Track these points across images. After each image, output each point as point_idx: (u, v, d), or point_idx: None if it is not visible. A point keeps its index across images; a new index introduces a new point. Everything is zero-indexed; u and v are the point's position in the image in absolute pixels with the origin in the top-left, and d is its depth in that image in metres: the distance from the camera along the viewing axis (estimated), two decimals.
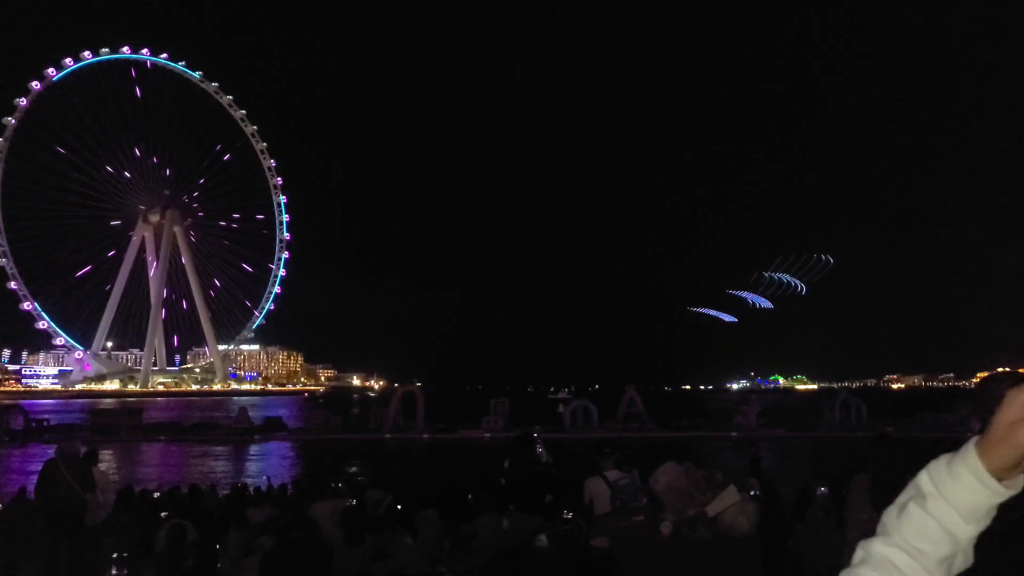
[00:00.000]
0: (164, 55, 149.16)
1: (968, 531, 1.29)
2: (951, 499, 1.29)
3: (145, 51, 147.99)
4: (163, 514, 13.32)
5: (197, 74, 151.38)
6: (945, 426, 55.71)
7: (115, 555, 8.56)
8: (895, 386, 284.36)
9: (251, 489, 18.50)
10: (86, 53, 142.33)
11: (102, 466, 11.30)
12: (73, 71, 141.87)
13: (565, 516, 6.15)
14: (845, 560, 1.40)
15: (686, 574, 5.41)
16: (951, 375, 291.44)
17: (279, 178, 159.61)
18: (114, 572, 9.11)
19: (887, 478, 4.99)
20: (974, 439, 1.33)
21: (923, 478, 1.34)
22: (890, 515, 1.36)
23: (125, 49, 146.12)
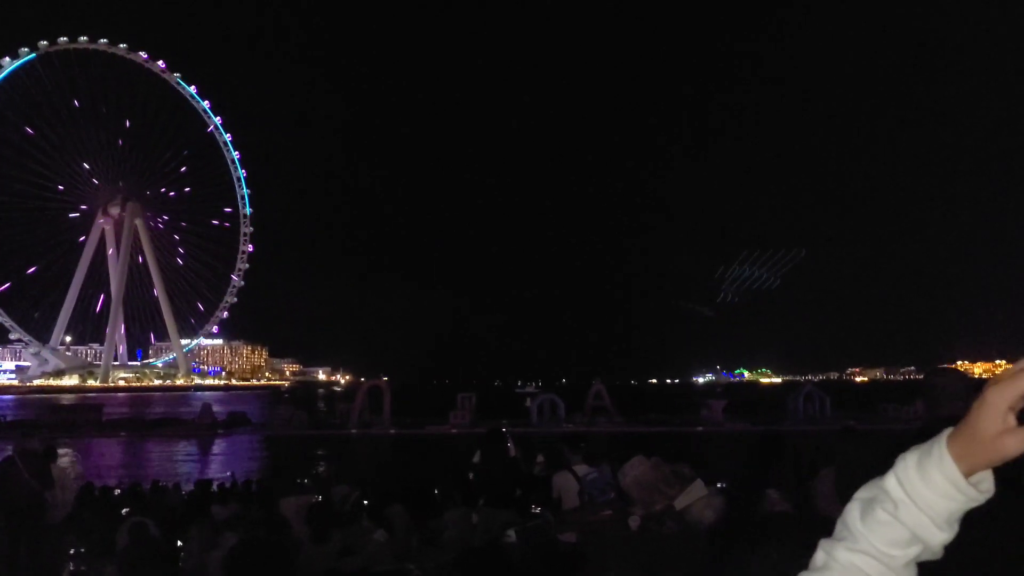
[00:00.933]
0: (123, 45, 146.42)
1: (942, 538, 1.20)
2: (924, 506, 1.19)
3: (103, 41, 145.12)
4: (124, 511, 13.11)
5: (159, 64, 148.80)
6: (907, 418, 56.87)
7: (73, 551, 8.39)
8: (858, 379, 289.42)
9: (215, 486, 18.26)
10: (43, 42, 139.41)
11: (62, 463, 11.06)
12: (32, 59, 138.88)
13: (533, 511, 6.17)
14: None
15: (654, 568, 5.43)
16: (912, 368, 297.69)
17: (244, 171, 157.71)
18: (71, 568, 8.95)
19: (853, 473, 5.05)
20: (944, 436, 1.22)
21: (892, 483, 1.23)
22: (852, 517, 1.25)
23: (83, 39, 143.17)
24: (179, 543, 9.17)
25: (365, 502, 11.13)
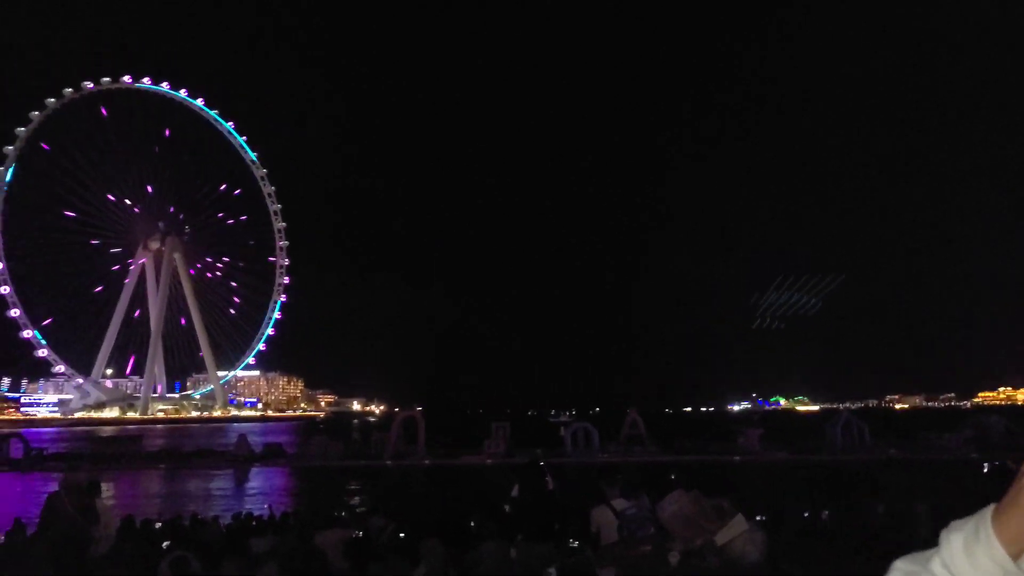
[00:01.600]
0: (165, 84, 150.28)
1: None
2: None
3: (147, 80, 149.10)
4: (165, 544, 13.23)
5: (199, 101, 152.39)
6: (947, 448, 55.61)
7: None
8: (898, 407, 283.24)
9: (253, 518, 18.37)
10: (87, 84, 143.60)
11: (105, 497, 11.22)
12: (74, 100, 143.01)
13: (571, 545, 6.13)
14: None
15: None
16: (952, 395, 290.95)
17: (279, 204, 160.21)
18: None
19: (899, 506, 4.99)
20: (988, 516, 1.20)
21: (937, 566, 1.20)
22: None
23: (127, 79, 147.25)
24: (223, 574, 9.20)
25: (401, 535, 11.14)
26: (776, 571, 6.29)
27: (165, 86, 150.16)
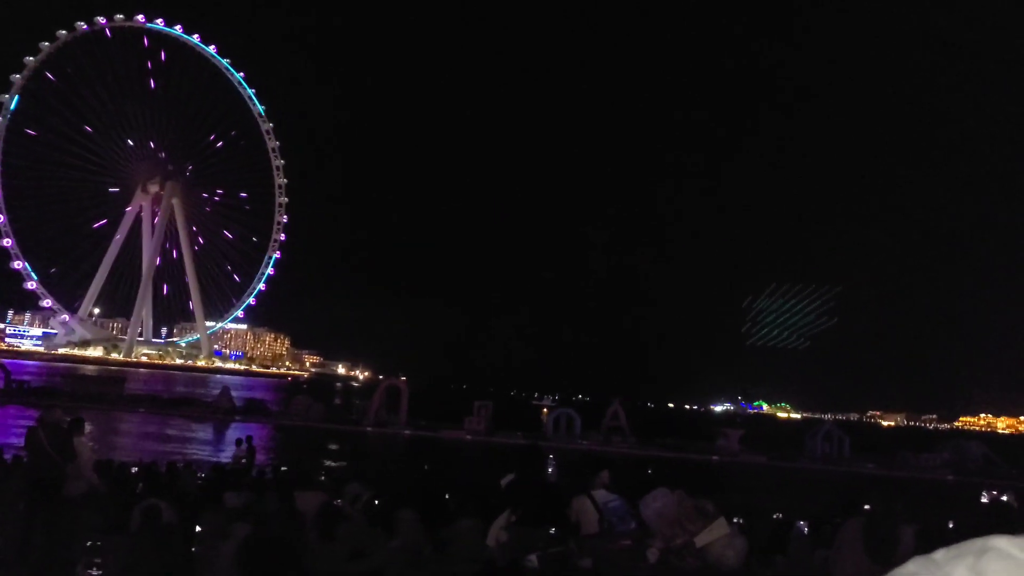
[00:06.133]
0: (179, 27, 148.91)
1: None
2: None
3: (160, 21, 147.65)
4: (139, 488, 13.20)
5: (210, 48, 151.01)
6: (924, 468, 56.02)
7: (89, 543, 8.41)
8: (885, 423, 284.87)
9: (227, 469, 18.36)
10: (100, 19, 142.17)
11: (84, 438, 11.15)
12: (85, 34, 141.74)
13: (551, 533, 6.08)
14: None
15: None
16: (934, 416, 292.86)
17: (282, 160, 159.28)
18: (87, 544, 8.97)
19: (882, 527, 4.95)
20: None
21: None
22: None
23: (140, 18, 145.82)
24: (193, 528, 9.16)
25: (376, 502, 11.10)
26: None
27: (179, 29, 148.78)
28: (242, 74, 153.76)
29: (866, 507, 5.95)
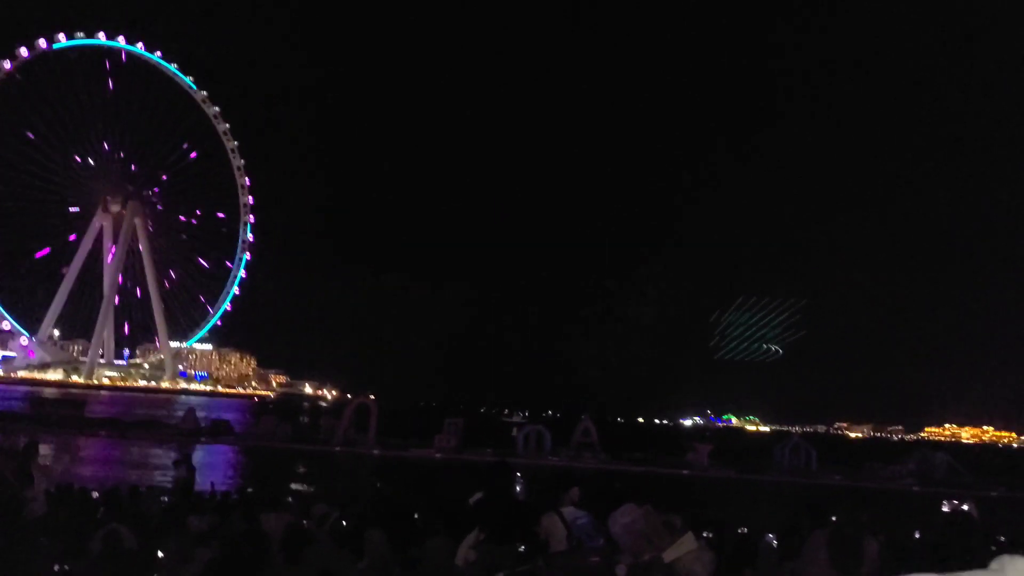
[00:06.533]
0: (140, 44, 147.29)
1: None
2: None
3: (120, 39, 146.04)
4: (100, 513, 12.90)
5: (172, 66, 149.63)
6: (890, 478, 56.83)
7: (57, 568, 8.20)
8: (852, 435, 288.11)
9: (193, 495, 18.03)
10: (60, 35, 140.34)
11: (42, 460, 10.92)
12: (44, 54, 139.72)
13: (520, 551, 6.06)
14: None
15: None
16: (900, 427, 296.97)
17: (247, 178, 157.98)
18: (53, 568, 8.75)
19: (848, 538, 4.99)
20: None
21: None
22: None
23: (100, 35, 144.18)
24: (156, 554, 8.98)
25: (343, 523, 10.97)
26: None
27: (121, 40, 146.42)
28: (205, 92, 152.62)
29: (832, 518, 6.00)
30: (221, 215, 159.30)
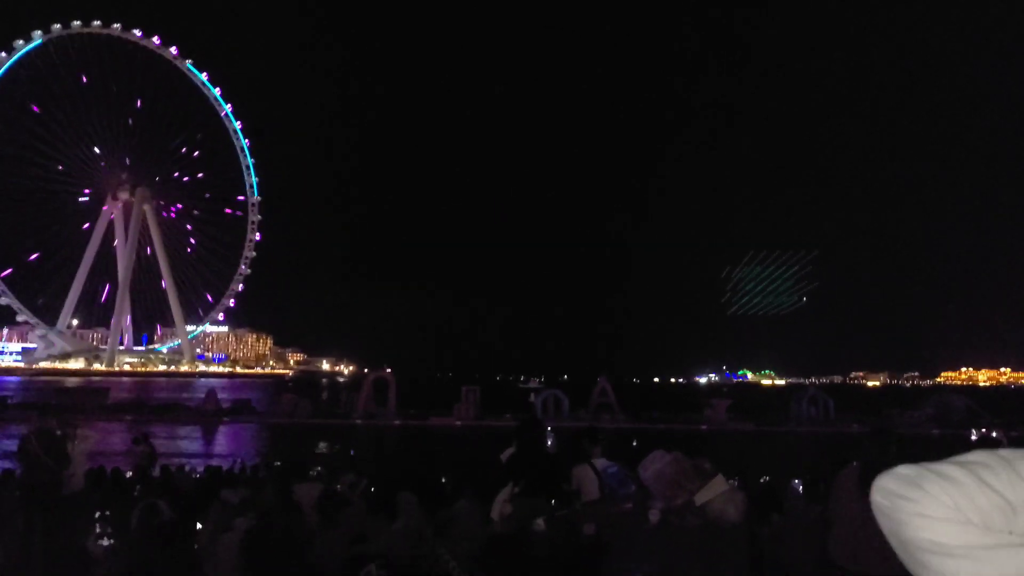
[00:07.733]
0: (136, 31, 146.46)
1: None
2: None
3: (116, 26, 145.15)
4: (136, 490, 13.15)
5: (172, 49, 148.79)
6: (909, 424, 56.89)
7: (102, 541, 8.40)
8: (869, 383, 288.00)
9: (223, 472, 18.31)
10: (56, 26, 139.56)
11: (81, 445, 11.13)
12: (45, 43, 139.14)
13: (552, 501, 6.16)
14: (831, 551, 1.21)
15: (674, 561, 5.43)
16: (916, 374, 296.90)
17: (253, 159, 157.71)
18: (97, 531, 8.94)
19: (877, 472, 5.02)
20: None
21: None
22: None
23: (116, 26, 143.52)
24: (193, 524, 9.18)
25: (372, 490, 11.16)
26: (752, 531, 6.41)
27: (137, 33, 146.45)
28: (205, 74, 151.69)
29: (855, 463, 6.07)
30: (231, 196, 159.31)
